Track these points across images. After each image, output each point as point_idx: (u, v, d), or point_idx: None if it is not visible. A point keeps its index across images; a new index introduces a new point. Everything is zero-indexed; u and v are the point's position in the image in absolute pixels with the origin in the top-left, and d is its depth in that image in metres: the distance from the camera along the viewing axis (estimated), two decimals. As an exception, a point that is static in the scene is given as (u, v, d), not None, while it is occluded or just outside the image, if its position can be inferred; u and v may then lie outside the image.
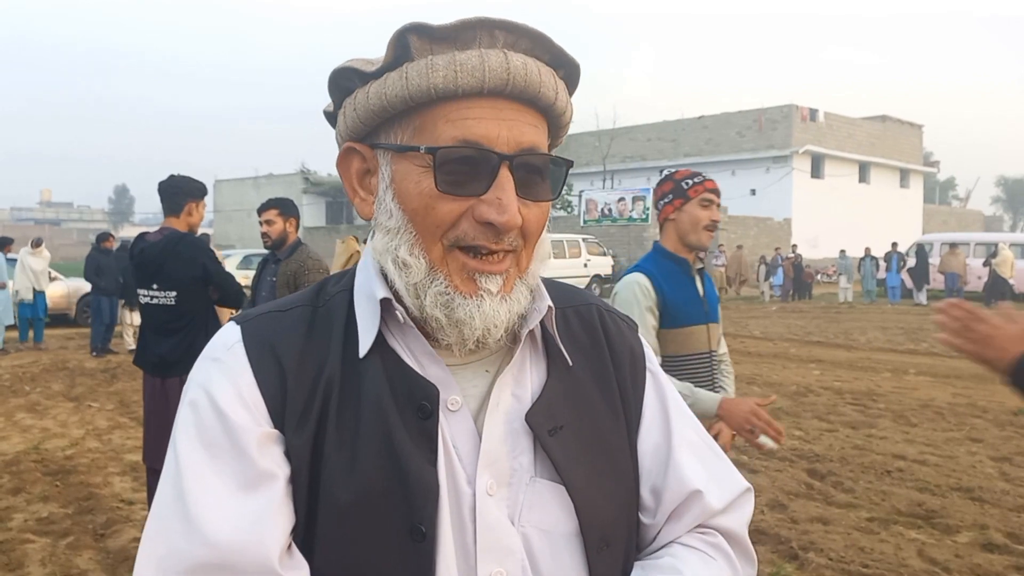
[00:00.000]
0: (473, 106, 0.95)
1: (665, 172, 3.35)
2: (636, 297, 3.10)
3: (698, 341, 3.18)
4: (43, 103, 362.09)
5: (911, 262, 26.76)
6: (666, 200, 3.22)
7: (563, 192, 1.09)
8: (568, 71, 1.03)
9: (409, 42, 0.96)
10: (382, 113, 0.99)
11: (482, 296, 0.98)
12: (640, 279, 3.13)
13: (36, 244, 15.41)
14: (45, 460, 7.21)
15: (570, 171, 1.07)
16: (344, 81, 1.03)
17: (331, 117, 1.10)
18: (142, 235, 5.19)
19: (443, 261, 0.98)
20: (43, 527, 5.50)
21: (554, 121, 1.04)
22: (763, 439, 2.92)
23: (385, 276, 1.03)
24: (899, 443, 7.58)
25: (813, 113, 42.93)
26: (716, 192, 3.21)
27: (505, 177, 0.95)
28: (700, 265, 3.28)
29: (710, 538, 1.10)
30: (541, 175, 1.00)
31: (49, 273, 18.03)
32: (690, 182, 3.18)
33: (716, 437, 3.00)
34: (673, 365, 3.10)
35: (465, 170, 0.95)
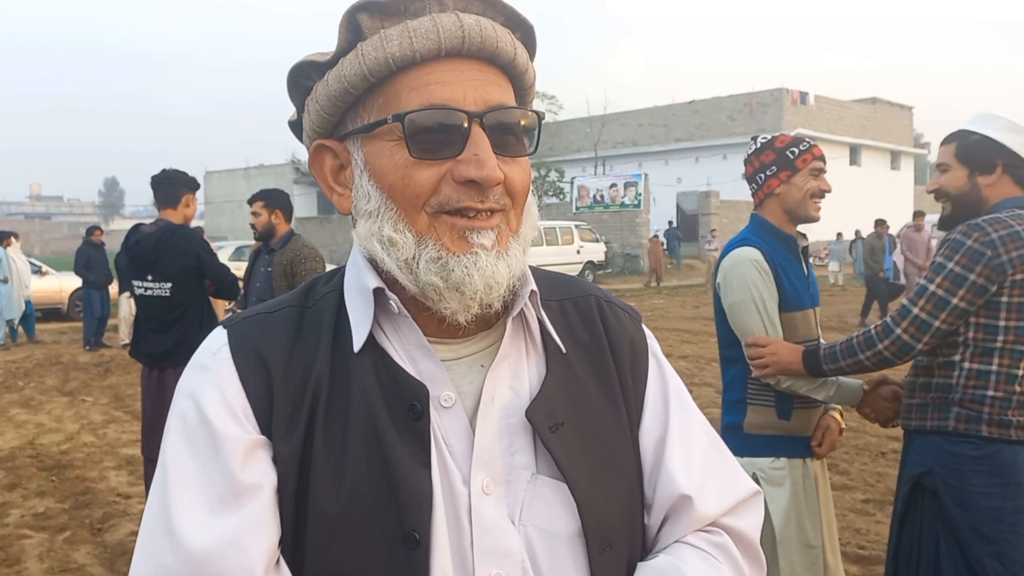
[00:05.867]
0: (434, 71, 0.94)
1: (762, 137, 2.90)
2: (758, 276, 2.72)
3: (807, 327, 2.83)
4: (31, 96, 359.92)
5: (901, 244, 26.80)
6: (769, 172, 2.81)
7: (539, 138, 1.06)
8: (524, 33, 1.01)
9: (360, 22, 0.95)
10: (344, 97, 0.97)
11: (476, 252, 0.94)
12: (755, 255, 2.74)
13: (17, 237, 15.26)
14: (40, 455, 7.20)
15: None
16: (303, 80, 1.01)
17: (296, 126, 1.08)
18: (137, 226, 5.19)
19: (430, 228, 0.95)
20: (40, 522, 5.50)
21: (517, 80, 1.01)
22: None
23: (375, 265, 1.00)
24: (883, 428, 7.60)
25: (803, 96, 42.91)
26: (824, 159, 2.83)
27: (478, 134, 0.93)
28: (805, 243, 2.90)
29: (715, 537, 1.06)
30: (514, 132, 0.98)
31: (41, 268, 17.98)
32: (796, 151, 2.78)
33: (825, 433, 2.83)
34: None
35: (438, 135, 0.93)
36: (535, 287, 1.04)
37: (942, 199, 2.67)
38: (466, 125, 0.93)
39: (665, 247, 29.80)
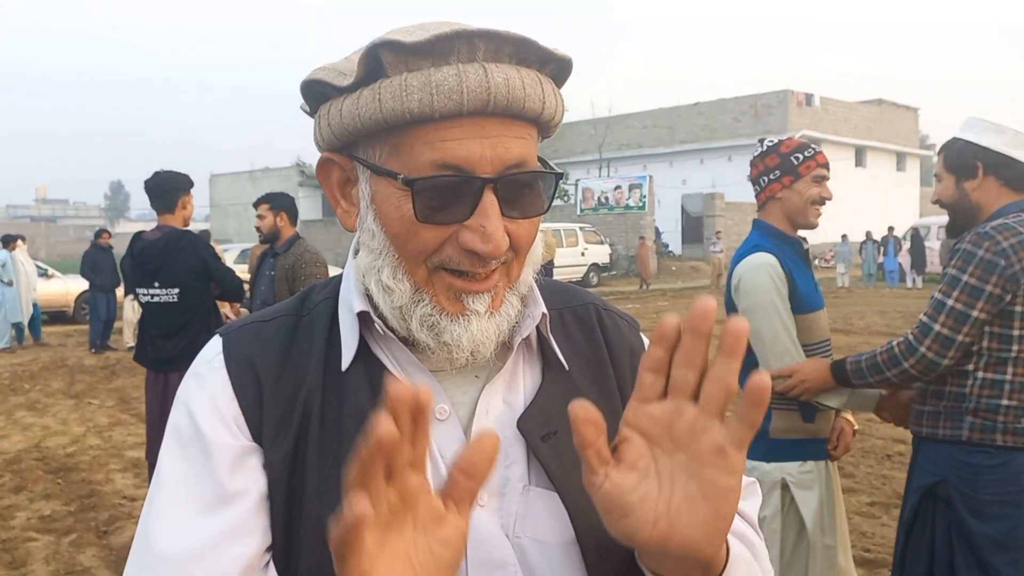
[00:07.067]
0: (453, 127, 0.89)
1: (768, 140, 2.92)
2: (772, 283, 2.72)
3: (821, 328, 2.85)
4: (38, 100, 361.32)
5: (907, 246, 26.80)
6: (772, 176, 2.83)
7: (555, 195, 1.02)
8: (557, 65, 0.97)
9: (382, 57, 0.90)
10: (356, 133, 0.94)
11: (469, 317, 0.94)
12: (771, 260, 2.75)
13: (23, 240, 15.28)
14: (46, 458, 7.22)
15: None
16: (318, 87, 0.98)
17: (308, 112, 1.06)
18: (139, 234, 5.22)
19: (428, 282, 0.95)
20: (46, 525, 5.52)
21: (543, 126, 0.98)
22: None
23: (368, 291, 1.00)
24: (899, 427, 7.58)
25: (809, 98, 42.84)
26: (827, 166, 2.85)
27: (489, 202, 0.90)
28: (806, 246, 2.93)
29: None
30: (530, 187, 0.95)
31: (47, 271, 18.03)
32: (800, 156, 2.80)
33: (840, 436, 2.87)
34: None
35: (446, 195, 0.90)
36: (545, 309, 1.03)
37: (943, 208, 2.73)
38: (477, 190, 0.90)
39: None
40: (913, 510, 2.63)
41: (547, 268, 24.91)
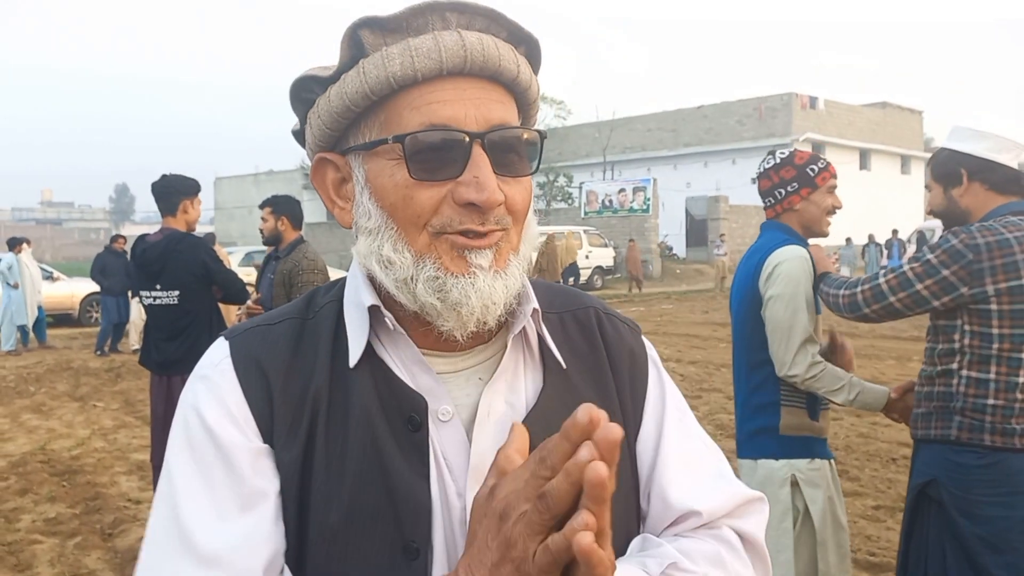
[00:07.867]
0: (435, 89, 0.94)
1: (779, 153, 2.97)
2: (806, 277, 2.79)
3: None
4: (43, 102, 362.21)
5: (911, 249, 26.75)
6: (791, 189, 2.88)
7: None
8: (528, 47, 1.01)
9: (362, 38, 0.94)
10: (346, 114, 0.97)
11: (474, 273, 0.95)
12: (807, 256, 2.83)
13: (28, 243, 15.29)
14: (51, 460, 7.23)
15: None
16: (305, 93, 1.01)
17: (300, 136, 1.08)
18: (143, 236, 5.23)
19: (430, 247, 0.95)
20: (51, 527, 5.52)
21: (520, 97, 1.01)
22: None
23: (373, 281, 1.01)
24: (904, 430, 7.54)
25: (813, 101, 42.80)
26: (836, 175, 2.94)
27: (479, 155, 0.93)
28: None
29: (715, 531, 1.04)
30: (517, 151, 0.97)
31: (52, 274, 18.07)
32: (816, 168, 2.88)
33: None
34: None
35: (438, 154, 0.93)
36: (537, 305, 1.04)
37: (936, 217, 2.80)
38: (467, 145, 0.93)
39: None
40: (910, 512, 2.66)
41: (570, 269, 24.90)
